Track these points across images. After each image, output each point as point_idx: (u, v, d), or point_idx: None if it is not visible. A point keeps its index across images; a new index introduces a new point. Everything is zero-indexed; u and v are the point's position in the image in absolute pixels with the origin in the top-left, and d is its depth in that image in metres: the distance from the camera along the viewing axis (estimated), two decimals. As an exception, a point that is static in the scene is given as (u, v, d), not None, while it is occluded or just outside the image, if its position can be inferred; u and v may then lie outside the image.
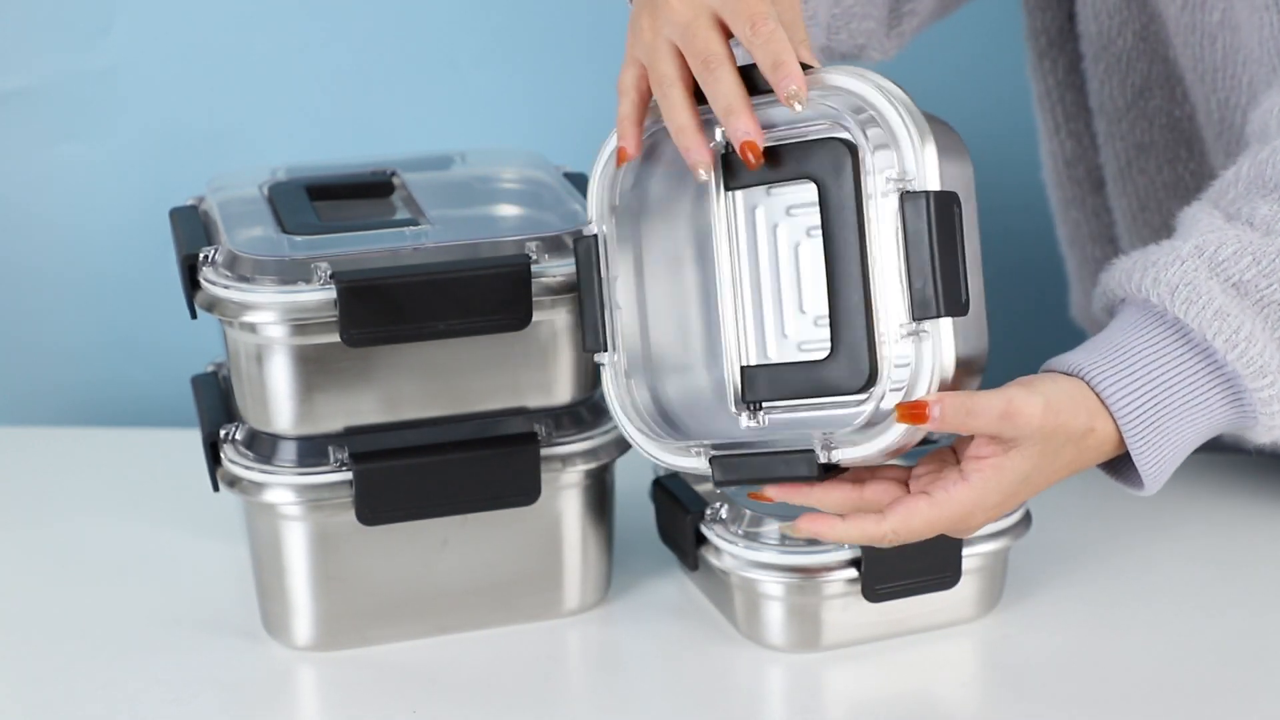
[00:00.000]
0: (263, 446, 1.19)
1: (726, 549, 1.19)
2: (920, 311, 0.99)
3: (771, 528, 1.18)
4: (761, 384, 1.07)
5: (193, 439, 1.27)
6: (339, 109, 1.71)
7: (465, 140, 1.51)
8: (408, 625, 1.22)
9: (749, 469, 1.05)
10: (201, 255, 1.17)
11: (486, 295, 1.15)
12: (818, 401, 1.05)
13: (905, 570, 1.18)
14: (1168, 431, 1.05)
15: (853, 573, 1.17)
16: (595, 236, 1.11)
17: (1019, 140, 1.76)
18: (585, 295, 1.12)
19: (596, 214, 1.11)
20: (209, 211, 1.25)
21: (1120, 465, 1.09)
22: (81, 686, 1.18)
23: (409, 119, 1.72)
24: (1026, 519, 1.23)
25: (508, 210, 1.28)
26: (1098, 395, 1.04)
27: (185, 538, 1.36)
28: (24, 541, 1.38)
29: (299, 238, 1.17)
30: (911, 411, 0.99)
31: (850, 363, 1.03)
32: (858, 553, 1.17)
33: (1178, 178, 1.33)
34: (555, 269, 1.16)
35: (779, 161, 1.04)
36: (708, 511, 1.21)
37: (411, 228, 1.20)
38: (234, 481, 1.19)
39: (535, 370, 1.19)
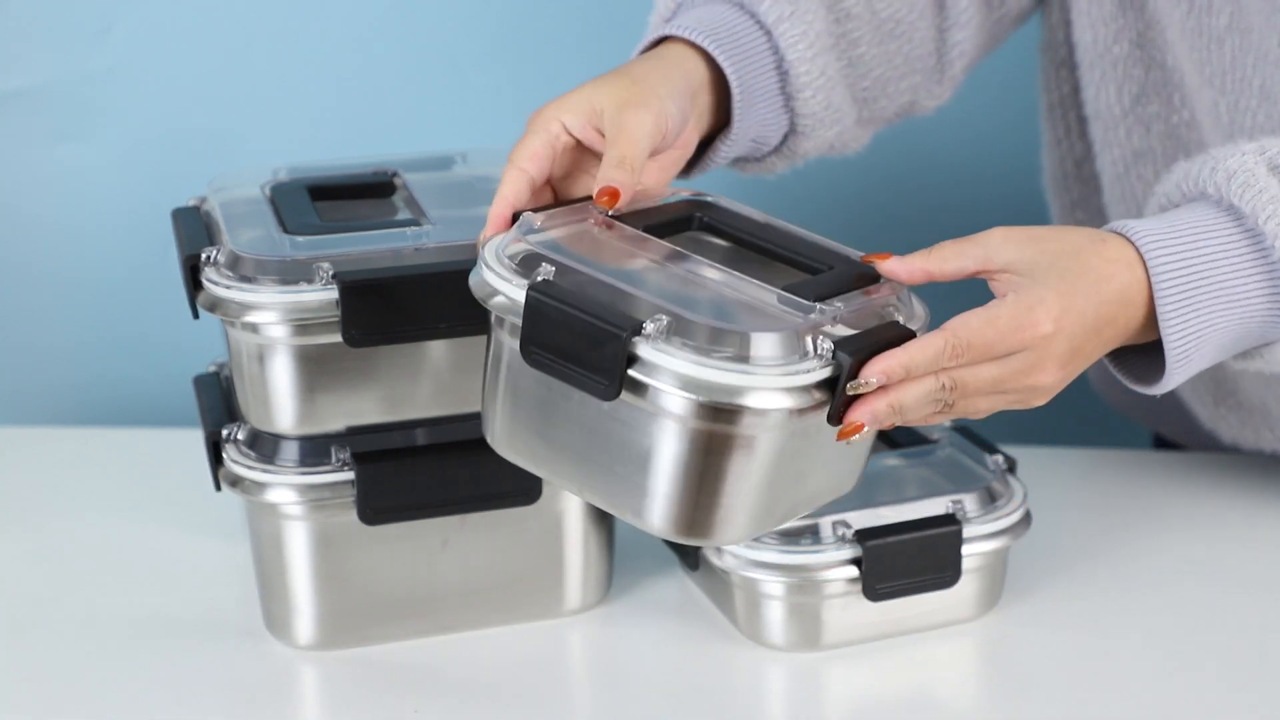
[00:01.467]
0: (264, 446, 1.19)
1: (727, 548, 1.19)
2: None
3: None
4: None
5: (195, 439, 1.28)
6: (340, 110, 1.71)
7: (466, 140, 1.51)
8: (409, 625, 1.22)
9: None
10: (203, 256, 1.17)
11: (488, 295, 1.15)
12: None
13: (905, 569, 1.18)
14: (1200, 304, 1.04)
15: (853, 572, 1.18)
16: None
17: (1011, 149, 1.76)
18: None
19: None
20: (211, 212, 1.25)
21: (1139, 359, 1.09)
22: (83, 686, 1.18)
23: (410, 119, 1.72)
24: (1026, 519, 1.23)
25: (508, 210, 1.27)
26: (1134, 246, 1.05)
27: (187, 538, 1.36)
28: (25, 541, 1.38)
29: (301, 238, 1.18)
30: (876, 257, 1.03)
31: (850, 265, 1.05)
32: (858, 553, 1.17)
33: None
34: None
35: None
36: (708, 511, 1.21)
37: (413, 228, 1.20)
38: (236, 481, 1.19)
39: (536, 370, 1.19)
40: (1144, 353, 1.10)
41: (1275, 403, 1.35)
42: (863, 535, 1.18)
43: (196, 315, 1.19)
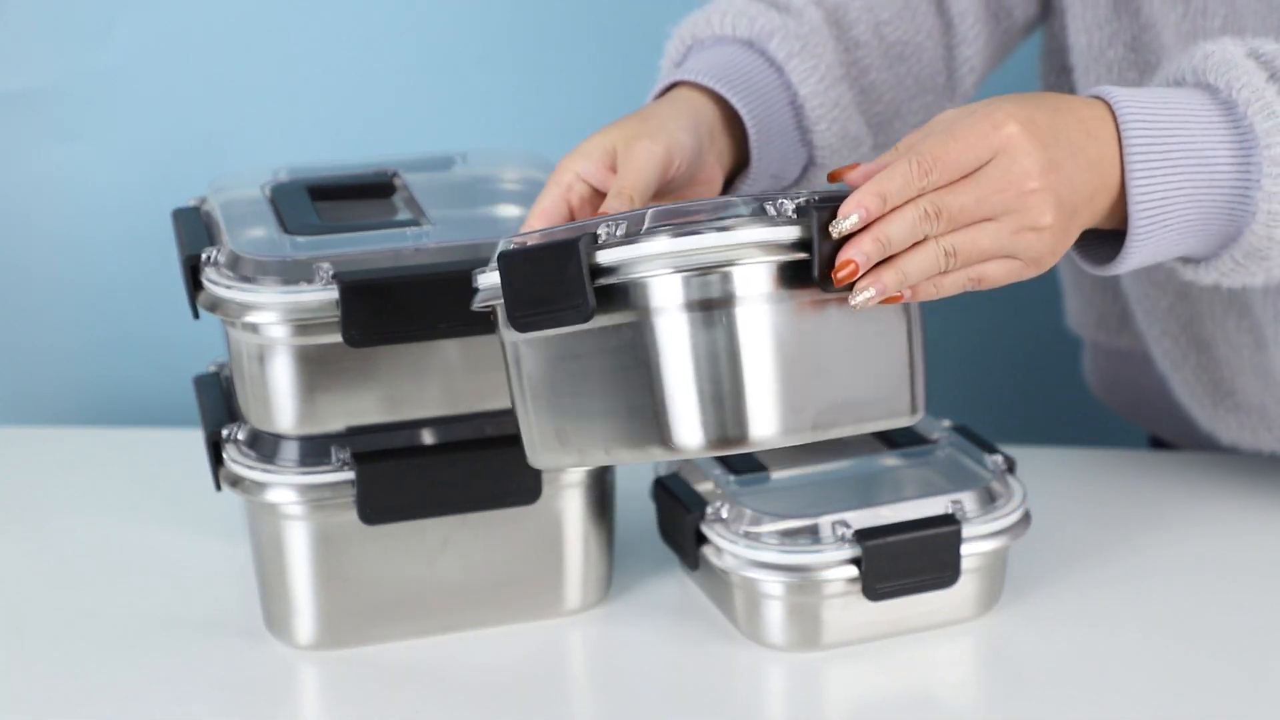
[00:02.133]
0: (265, 446, 1.19)
1: (727, 548, 1.19)
2: None
3: (772, 527, 1.19)
4: None
5: (195, 439, 1.28)
6: (340, 110, 1.72)
7: (466, 141, 1.51)
8: (409, 624, 1.22)
9: None
10: (204, 256, 1.17)
11: (488, 295, 1.15)
12: None
13: (905, 569, 1.18)
14: (1168, 160, 1.03)
15: (853, 572, 1.18)
16: None
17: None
18: None
19: None
20: (211, 212, 1.25)
21: (1105, 248, 1.08)
22: (83, 686, 1.18)
23: (410, 120, 1.73)
24: (1026, 519, 1.23)
25: (509, 211, 1.28)
26: (1105, 102, 1.04)
27: (187, 537, 1.37)
28: (25, 541, 1.38)
29: (301, 238, 1.18)
30: (843, 171, 1.01)
31: None
32: (858, 552, 1.17)
33: None
34: None
35: None
36: (708, 511, 1.21)
37: (413, 228, 1.20)
38: (236, 481, 1.19)
39: (536, 370, 1.19)
40: (1110, 242, 1.08)
41: (1274, 403, 1.35)
42: (862, 535, 1.18)
43: (197, 315, 1.19)
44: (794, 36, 1.22)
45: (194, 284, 1.17)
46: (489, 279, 1.04)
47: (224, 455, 1.20)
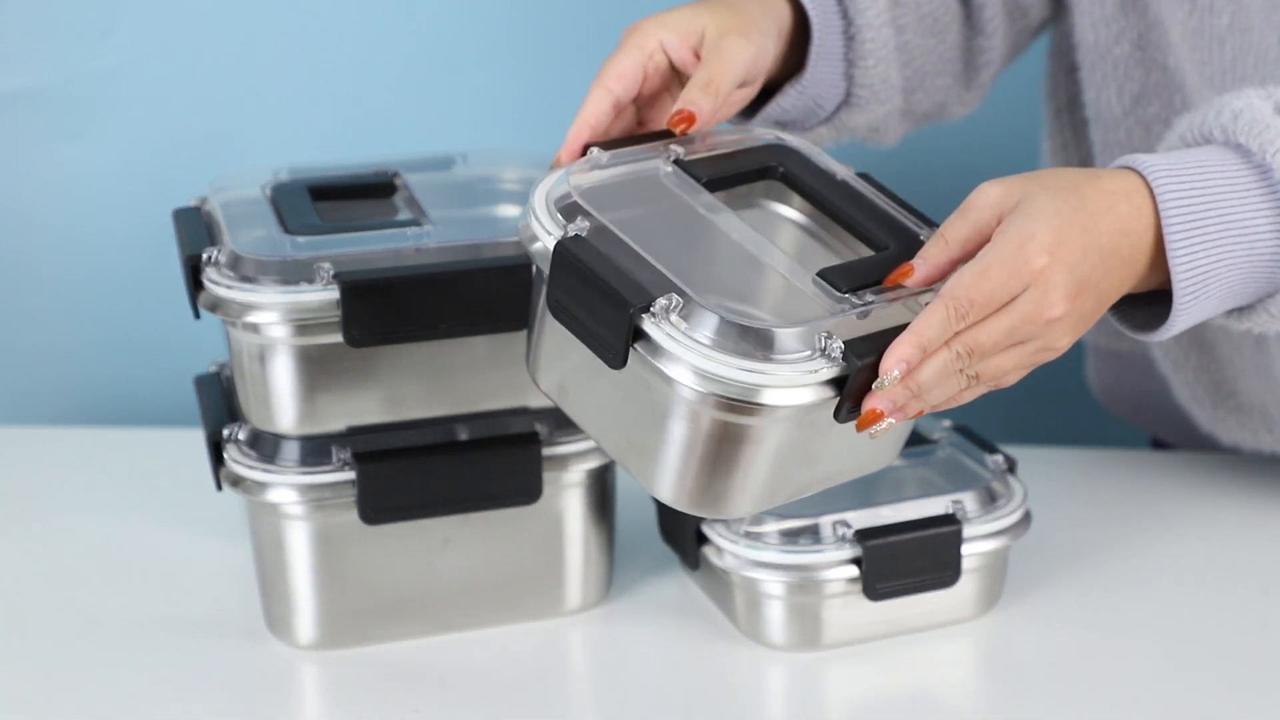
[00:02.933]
0: (265, 446, 1.19)
1: (727, 548, 1.19)
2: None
3: (772, 527, 1.19)
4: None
5: (195, 439, 1.28)
6: (341, 110, 1.72)
7: (466, 141, 1.51)
8: (410, 624, 1.22)
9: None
10: (204, 256, 1.17)
11: (488, 295, 1.15)
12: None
13: (905, 569, 1.18)
14: (1208, 236, 1.03)
15: (853, 571, 1.18)
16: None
17: (1016, 155, 1.76)
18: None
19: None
20: (212, 212, 1.25)
21: (1143, 311, 1.08)
22: (84, 686, 1.18)
23: (411, 120, 1.72)
24: (1026, 519, 1.23)
25: (509, 210, 1.28)
26: (1140, 175, 1.03)
27: (188, 537, 1.37)
28: (25, 541, 1.38)
29: (301, 238, 1.18)
30: (899, 275, 1.01)
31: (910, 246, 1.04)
32: (858, 552, 1.17)
33: None
34: None
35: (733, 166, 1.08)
36: (709, 511, 1.21)
37: (414, 228, 1.20)
38: (237, 481, 1.19)
39: (537, 370, 1.19)
40: (1148, 303, 1.08)
41: (1275, 404, 1.35)
42: (863, 535, 1.18)
43: (198, 315, 1.19)
44: None
45: (195, 284, 1.17)
46: (545, 238, 1.01)
47: (225, 455, 1.20)
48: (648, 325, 0.96)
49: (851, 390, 0.97)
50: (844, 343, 0.97)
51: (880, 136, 1.30)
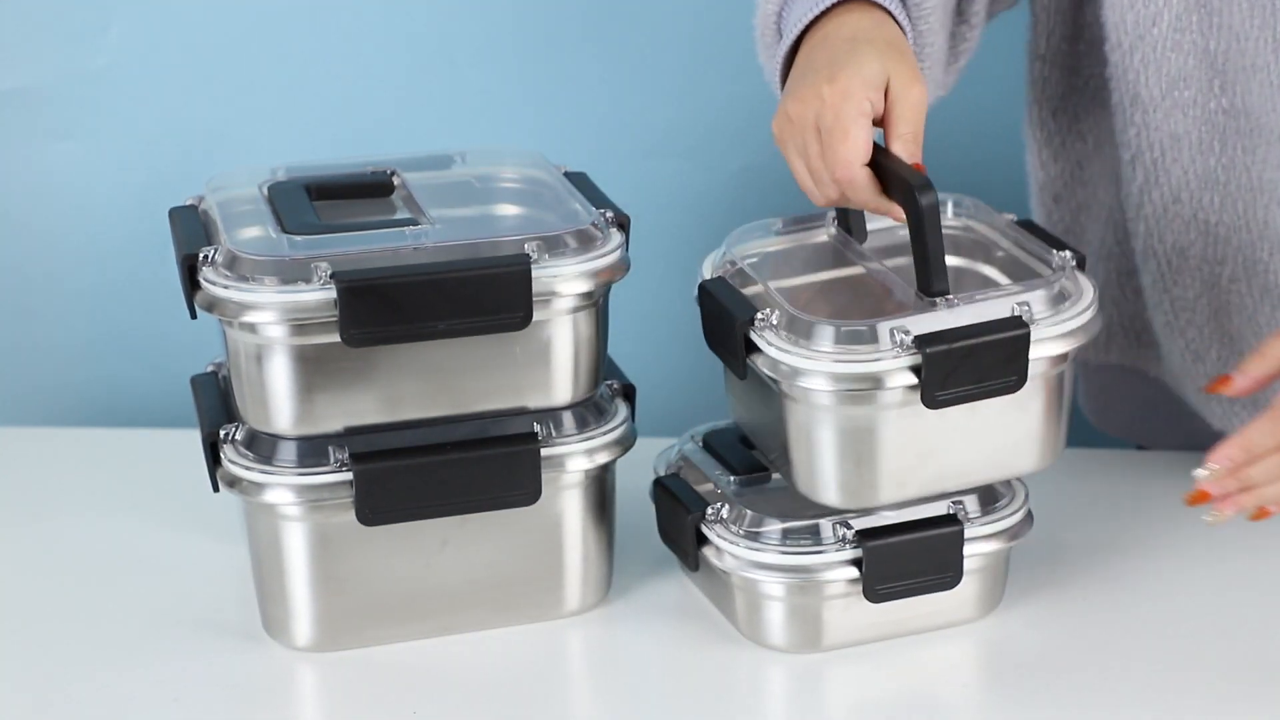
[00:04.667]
0: (263, 447, 1.19)
1: (727, 549, 1.19)
2: None
3: (773, 528, 1.18)
4: None
5: (192, 439, 1.27)
6: (338, 108, 1.71)
7: (465, 140, 1.50)
8: (408, 626, 1.21)
9: None
10: (201, 255, 1.17)
11: (487, 295, 1.15)
12: None
13: (906, 571, 1.18)
14: None
15: (854, 573, 1.17)
16: None
17: (1004, 153, 1.75)
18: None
19: None
20: (208, 211, 1.24)
21: None
22: (82, 687, 1.18)
23: (409, 119, 1.72)
24: (1028, 519, 1.23)
25: (508, 210, 1.27)
26: None
27: (185, 538, 1.36)
28: (23, 542, 1.38)
29: (299, 238, 1.17)
30: (1218, 386, 1.18)
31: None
32: (859, 553, 1.17)
33: (1209, 170, 1.32)
34: (555, 268, 1.16)
35: None
36: (709, 511, 1.21)
37: (411, 227, 1.20)
38: (234, 482, 1.19)
39: (535, 370, 1.19)
40: None
41: None
42: (863, 536, 1.17)
43: (194, 315, 1.19)
44: None
45: (191, 284, 1.17)
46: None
47: (222, 456, 1.20)
48: (754, 335, 1.14)
49: (928, 377, 1.11)
50: (916, 336, 1.11)
51: None
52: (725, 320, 1.17)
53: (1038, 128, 1.44)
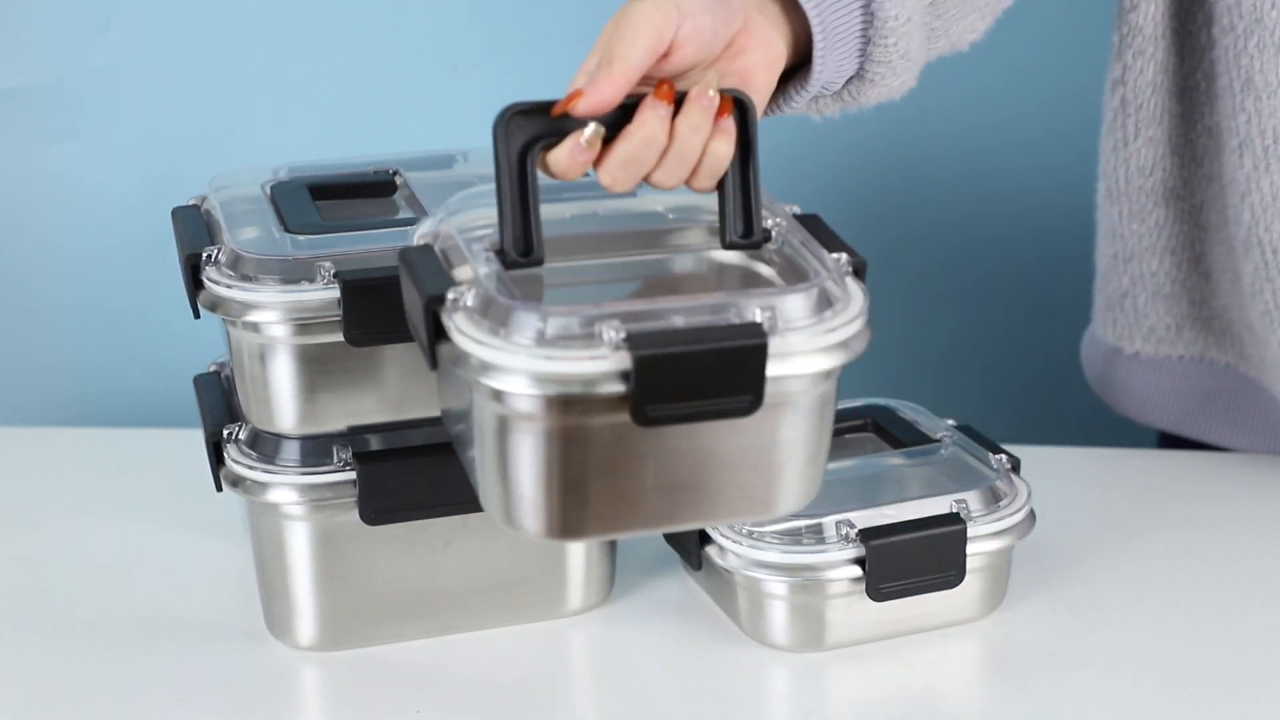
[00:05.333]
0: (266, 446, 1.19)
1: (730, 548, 1.19)
2: None
3: (775, 527, 1.18)
4: None
5: (195, 439, 1.27)
6: (340, 109, 1.71)
7: (466, 140, 1.50)
8: (411, 625, 1.21)
9: None
10: (204, 255, 1.17)
11: (489, 294, 1.14)
12: None
13: (909, 569, 1.18)
14: None
15: (857, 572, 1.17)
16: None
17: (1024, 138, 1.76)
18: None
19: None
20: (211, 211, 1.24)
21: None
22: (84, 687, 1.18)
23: (410, 118, 1.72)
24: (1030, 518, 1.23)
25: (510, 209, 1.27)
26: None
27: (188, 538, 1.36)
28: (25, 542, 1.38)
29: (302, 237, 1.17)
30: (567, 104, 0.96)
31: None
32: (862, 552, 1.17)
33: None
34: None
35: None
36: (711, 511, 1.21)
37: (414, 227, 1.20)
38: (237, 481, 1.19)
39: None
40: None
41: None
42: (866, 535, 1.17)
43: (197, 315, 1.19)
44: None
45: (194, 283, 1.17)
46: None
47: (225, 455, 1.20)
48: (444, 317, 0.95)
49: (637, 389, 0.91)
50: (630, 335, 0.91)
51: (889, 98, 1.19)
52: (411, 297, 0.98)
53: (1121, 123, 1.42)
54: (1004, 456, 1.26)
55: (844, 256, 1.01)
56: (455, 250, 0.99)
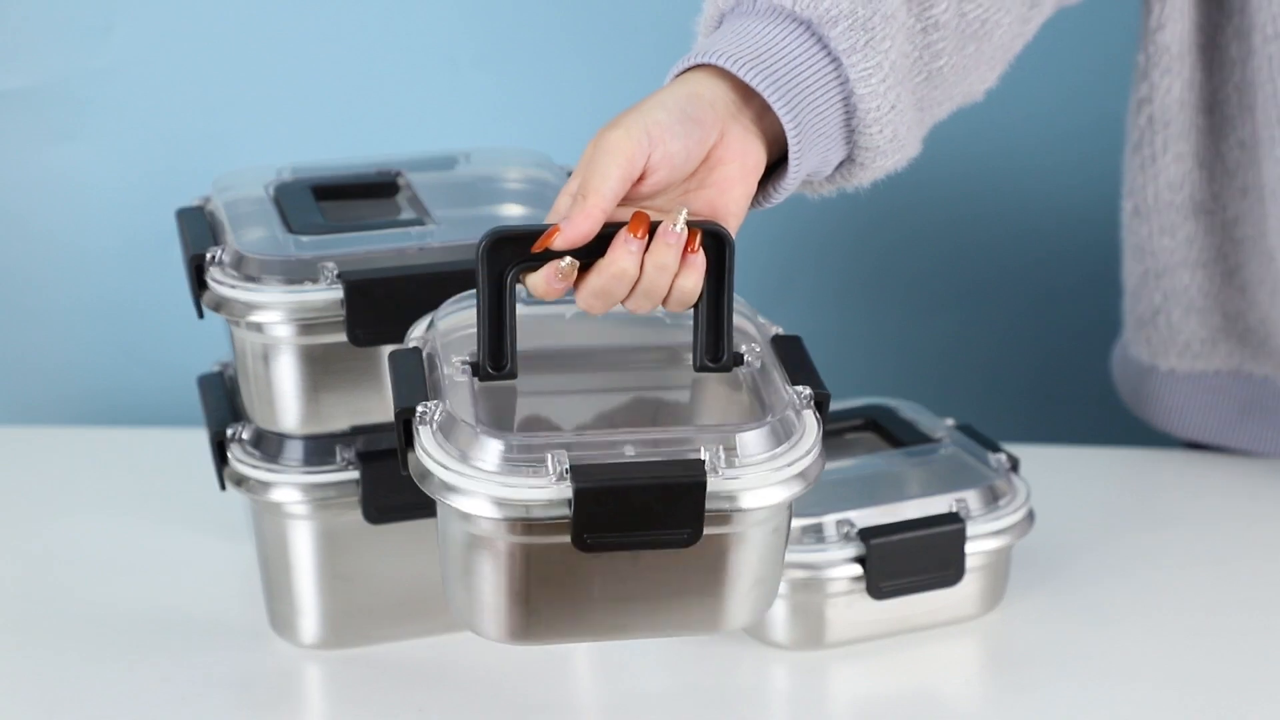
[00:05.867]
0: (269, 446, 1.19)
1: (731, 547, 1.19)
2: None
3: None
4: None
5: (199, 439, 1.28)
6: (343, 109, 1.72)
7: (469, 140, 1.51)
8: (414, 624, 1.22)
9: None
10: (208, 255, 1.17)
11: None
12: None
13: (909, 568, 1.18)
14: (799, 100, 1.03)
15: (857, 570, 1.18)
16: None
17: (1034, 160, 1.76)
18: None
19: None
20: (215, 212, 1.25)
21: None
22: (88, 686, 1.18)
23: (413, 119, 1.73)
24: (1029, 517, 1.23)
25: (512, 210, 1.28)
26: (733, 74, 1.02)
27: (191, 537, 1.37)
28: (27, 541, 1.38)
29: (305, 238, 1.18)
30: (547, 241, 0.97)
31: None
32: (862, 551, 1.18)
33: None
34: None
35: None
36: (712, 510, 1.21)
37: (417, 227, 1.20)
38: (240, 481, 1.19)
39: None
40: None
41: None
42: (866, 533, 1.18)
43: (201, 315, 1.19)
44: (862, 25, 1.06)
45: (198, 283, 1.17)
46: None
47: (228, 455, 1.20)
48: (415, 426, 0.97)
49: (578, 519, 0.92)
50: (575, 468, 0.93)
51: (892, 171, 1.16)
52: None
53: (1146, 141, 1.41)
54: (1003, 456, 1.26)
55: (807, 390, 0.99)
56: (439, 356, 1.01)
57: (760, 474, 0.94)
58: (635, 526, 0.93)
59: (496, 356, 0.99)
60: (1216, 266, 1.42)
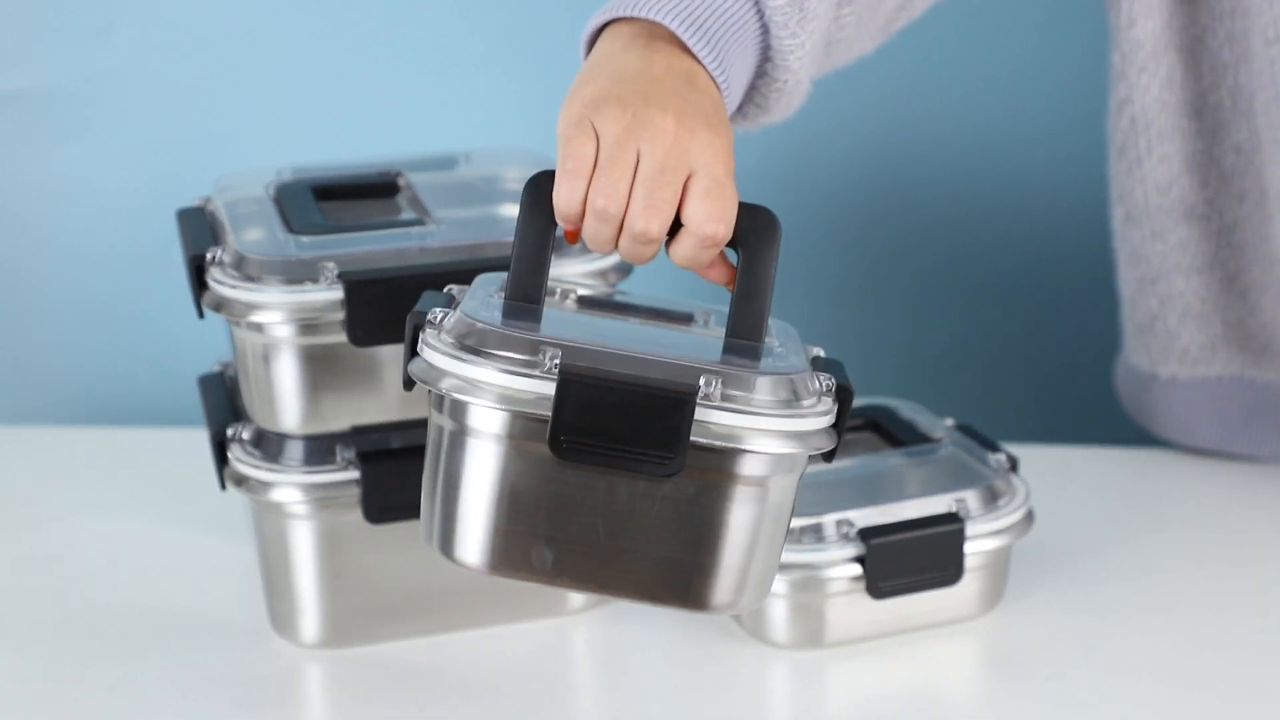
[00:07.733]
0: (270, 446, 1.19)
1: (731, 547, 1.19)
2: None
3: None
4: None
5: (199, 439, 1.28)
6: (343, 110, 1.72)
7: (469, 141, 1.51)
8: (414, 623, 1.22)
9: None
10: (209, 255, 1.17)
11: (491, 294, 1.15)
12: None
13: (908, 567, 1.18)
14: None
15: (856, 570, 1.18)
16: None
17: (1021, 159, 1.76)
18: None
19: None
20: (215, 212, 1.25)
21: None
22: (89, 685, 1.18)
23: (413, 120, 1.73)
24: (1029, 517, 1.24)
25: (512, 210, 1.27)
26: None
27: (192, 537, 1.37)
28: (28, 541, 1.38)
29: (305, 238, 1.18)
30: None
31: None
32: (861, 550, 1.18)
33: None
34: (556, 268, 1.16)
35: None
36: (712, 510, 1.21)
37: (417, 228, 1.20)
38: (241, 480, 1.19)
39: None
40: None
41: None
42: (866, 533, 1.18)
43: (202, 315, 1.19)
44: (795, 6, 1.11)
45: (199, 284, 1.17)
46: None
47: (229, 455, 1.21)
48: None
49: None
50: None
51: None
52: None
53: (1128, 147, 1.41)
54: (1003, 456, 1.26)
55: (830, 378, 0.98)
56: (463, 293, 1.03)
57: (760, 420, 0.92)
58: (615, 438, 0.89)
59: (525, 287, 0.98)
60: (1213, 272, 1.41)
